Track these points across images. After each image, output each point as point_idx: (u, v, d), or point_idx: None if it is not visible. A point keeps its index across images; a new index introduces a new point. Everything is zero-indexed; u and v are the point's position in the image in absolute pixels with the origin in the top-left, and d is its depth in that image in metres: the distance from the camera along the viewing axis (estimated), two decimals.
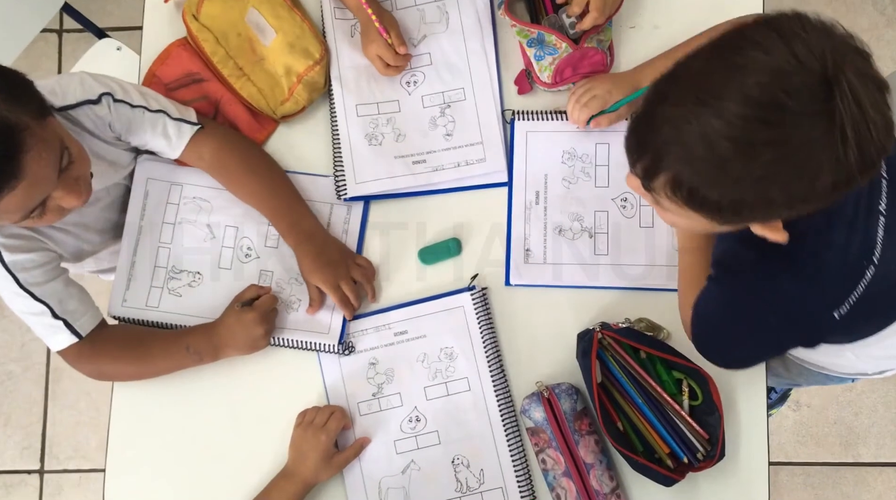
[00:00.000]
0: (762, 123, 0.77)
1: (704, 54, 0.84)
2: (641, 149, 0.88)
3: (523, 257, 1.30)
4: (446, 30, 1.37)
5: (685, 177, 0.84)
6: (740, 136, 0.78)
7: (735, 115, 0.78)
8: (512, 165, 1.33)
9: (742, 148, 0.79)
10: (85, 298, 1.25)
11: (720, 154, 0.80)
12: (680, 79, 0.85)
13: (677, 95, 0.83)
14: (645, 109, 0.88)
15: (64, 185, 1.06)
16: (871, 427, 2.09)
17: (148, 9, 1.41)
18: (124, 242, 1.34)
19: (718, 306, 1.09)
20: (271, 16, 1.31)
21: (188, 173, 1.35)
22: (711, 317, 1.11)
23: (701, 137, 0.80)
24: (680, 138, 0.82)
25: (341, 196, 1.33)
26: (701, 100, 0.79)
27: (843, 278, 0.96)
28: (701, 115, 0.79)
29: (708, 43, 0.84)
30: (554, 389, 1.25)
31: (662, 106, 0.84)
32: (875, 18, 2.24)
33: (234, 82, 1.34)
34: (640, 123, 0.89)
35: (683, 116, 0.81)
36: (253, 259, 1.34)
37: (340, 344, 1.29)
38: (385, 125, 1.34)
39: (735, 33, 0.82)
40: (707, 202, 0.85)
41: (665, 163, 0.85)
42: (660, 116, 0.84)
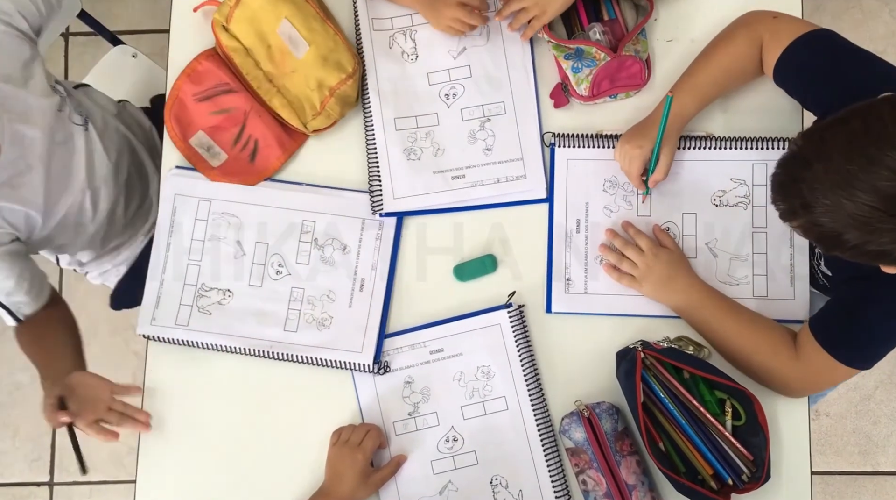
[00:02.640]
0: (886, 214, 0.88)
1: (852, 129, 0.91)
2: (781, 196, 0.97)
3: (564, 286, 1.28)
4: (486, 42, 1.34)
5: (815, 231, 0.95)
6: (865, 220, 0.89)
7: (864, 202, 0.88)
8: (552, 191, 1.31)
9: (864, 227, 0.90)
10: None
11: (847, 225, 0.90)
12: (824, 148, 0.92)
13: (818, 169, 0.91)
14: (788, 164, 0.96)
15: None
16: (890, 436, 2.08)
17: (175, 17, 1.38)
18: (153, 260, 1.31)
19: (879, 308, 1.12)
20: (304, 28, 1.28)
21: (217, 188, 1.32)
22: (866, 321, 1.13)
23: (831, 209, 0.91)
24: (815, 205, 0.92)
25: (377, 211, 1.31)
26: (837, 183, 0.89)
27: None
28: (835, 195, 0.90)
29: (861, 115, 0.92)
30: (594, 408, 1.23)
31: (803, 171, 0.93)
32: (892, 26, 2.23)
33: (264, 95, 1.31)
34: (782, 172, 0.97)
35: (821, 191, 0.91)
36: (284, 276, 1.31)
37: (376, 363, 1.27)
38: (424, 139, 1.32)
39: (885, 121, 0.90)
40: (832, 247, 0.96)
41: (798, 217, 0.96)
42: (800, 178, 0.93)
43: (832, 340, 1.14)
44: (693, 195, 1.29)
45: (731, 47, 1.24)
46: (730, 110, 1.31)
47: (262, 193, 1.33)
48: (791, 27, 1.20)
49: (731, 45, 1.24)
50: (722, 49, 1.25)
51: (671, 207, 1.30)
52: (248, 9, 1.29)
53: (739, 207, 1.29)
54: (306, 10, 1.29)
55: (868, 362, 1.14)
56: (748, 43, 1.23)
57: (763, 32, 1.22)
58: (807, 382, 1.20)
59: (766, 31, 1.22)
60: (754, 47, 1.23)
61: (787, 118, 1.30)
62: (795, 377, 1.19)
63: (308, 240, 1.32)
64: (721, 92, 1.27)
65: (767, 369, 1.21)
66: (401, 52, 1.35)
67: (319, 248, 1.32)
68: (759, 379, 1.22)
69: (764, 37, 1.22)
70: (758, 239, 1.28)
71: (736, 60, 1.24)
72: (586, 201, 1.31)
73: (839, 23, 2.23)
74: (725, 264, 1.28)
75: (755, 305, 1.26)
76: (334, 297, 1.30)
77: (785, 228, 1.27)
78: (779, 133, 1.29)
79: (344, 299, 1.30)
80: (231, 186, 1.32)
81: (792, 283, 1.27)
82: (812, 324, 1.17)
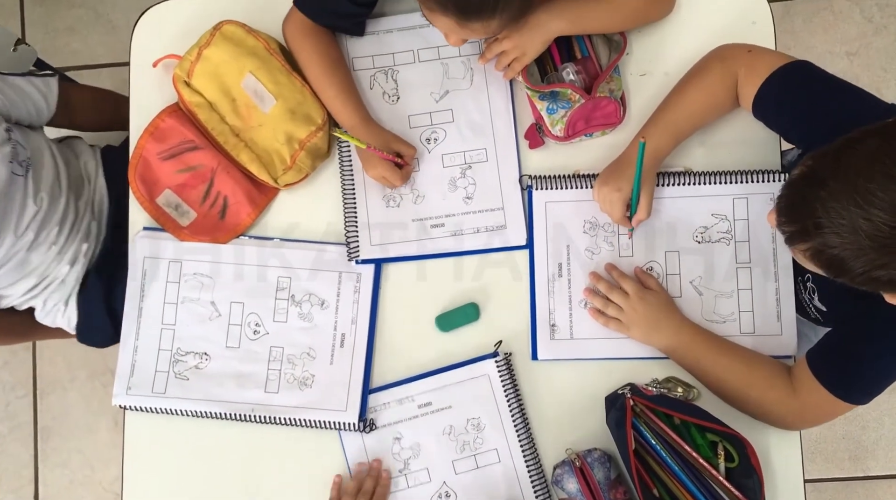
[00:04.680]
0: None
1: (870, 148, 0.87)
2: (791, 217, 0.93)
3: (549, 332, 1.26)
4: (470, 86, 1.31)
5: (826, 254, 0.90)
6: (883, 241, 0.85)
7: (882, 222, 0.84)
8: (532, 236, 1.28)
9: (881, 249, 0.85)
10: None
11: (861, 246, 0.86)
12: (840, 167, 0.88)
13: (834, 187, 0.87)
14: (799, 183, 0.92)
15: None
16: (879, 440, 2.09)
17: (134, 75, 1.33)
18: (125, 327, 1.27)
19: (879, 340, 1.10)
20: (270, 82, 1.24)
21: (187, 249, 1.29)
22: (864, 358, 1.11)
23: (848, 230, 0.86)
24: (829, 225, 0.87)
25: (353, 258, 1.28)
26: (855, 201, 0.85)
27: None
28: (852, 214, 0.85)
29: (877, 135, 0.88)
30: (586, 457, 1.21)
31: (818, 190, 0.88)
32: (863, 27, 2.22)
33: (231, 149, 1.27)
34: (793, 192, 0.93)
35: (836, 210, 0.86)
36: (262, 336, 1.28)
37: (361, 421, 1.24)
38: (404, 185, 1.29)
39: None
40: (841, 272, 0.91)
41: (810, 238, 0.90)
42: (813, 197, 0.89)
43: (830, 376, 1.13)
44: (675, 233, 1.27)
45: (705, 83, 1.22)
46: (707, 144, 1.29)
47: (234, 251, 1.29)
48: (767, 60, 1.18)
49: (705, 81, 1.22)
50: (696, 85, 1.23)
51: (653, 246, 1.27)
52: (210, 63, 1.25)
53: (722, 242, 1.27)
54: (271, 64, 1.25)
55: (866, 397, 1.13)
56: (723, 78, 1.21)
57: (738, 67, 1.20)
58: (805, 416, 1.18)
59: (742, 65, 1.19)
60: (729, 82, 1.21)
61: (766, 151, 1.28)
62: (793, 412, 1.18)
63: (285, 297, 1.28)
64: (696, 127, 1.25)
65: (763, 404, 1.20)
66: (382, 92, 1.32)
67: (297, 304, 1.28)
68: (754, 414, 1.21)
69: (739, 71, 1.20)
70: (742, 275, 1.26)
71: (710, 96, 1.22)
72: (567, 244, 1.28)
73: (810, 26, 2.22)
74: (711, 301, 1.26)
75: (743, 342, 1.24)
76: (315, 354, 1.27)
77: (768, 264, 1.25)
78: (758, 166, 1.27)
79: (325, 356, 1.27)
80: (202, 246, 1.29)
81: (778, 318, 1.25)
82: (809, 359, 1.16)
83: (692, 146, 1.29)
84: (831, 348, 1.15)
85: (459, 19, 1.03)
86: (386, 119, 1.31)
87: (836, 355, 1.13)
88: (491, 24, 1.04)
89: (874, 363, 1.10)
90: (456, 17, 1.03)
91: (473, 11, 1.01)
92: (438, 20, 1.06)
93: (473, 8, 1.01)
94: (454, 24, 1.05)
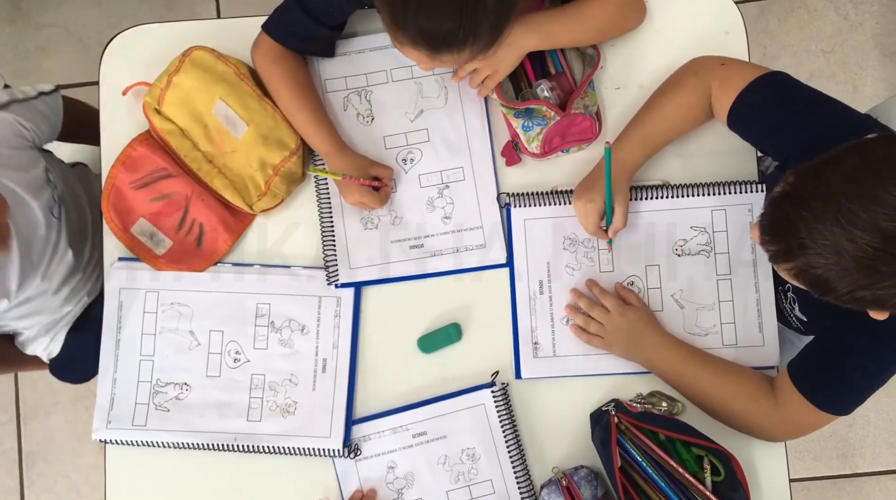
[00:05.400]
0: (888, 254, 0.84)
1: (850, 167, 0.87)
2: (775, 236, 0.92)
3: (532, 351, 1.25)
4: (445, 105, 1.30)
5: (810, 273, 0.90)
6: (868, 262, 0.84)
7: (866, 243, 0.84)
8: (512, 254, 1.27)
9: (866, 270, 0.85)
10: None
11: (845, 267, 0.86)
12: (821, 186, 0.87)
13: (816, 207, 0.87)
14: (782, 202, 0.91)
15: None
16: (866, 437, 2.10)
17: (104, 103, 1.31)
18: (102, 360, 1.25)
19: (863, 353, 1.10)
20: (241, 108, 1.22)
21: (164, 278, 1.27)
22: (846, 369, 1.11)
23: (831, 251, 0.86)
24: (813, 246, 0.87)
25: (332, 282, 1.26)
26: (838, 222, 0.85)
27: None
28: (835, 235, 0.85)
29: (857, 152, 0.88)
30: (572, 475, 1.21)
31: (800, 210, 0.88)
32: (839, 24, 2.23)
33: (205, 176, 1.26)
34: (776, 211, 0.92)
35: (819, 231, 0.86)
36: (243, 364, 1.26)
37: (345, 447, 1.23)
38: (382, 207, 1.28)
39: (883, 158, 0.86)
40: (825, 292, 0.91)
41: (794, 257, 0.90)
42: (797, 217, 0.88)
43: (813, 388, 1.13)
44: (654, 246, 1.27)
45: (678, 96, 1.22)
46: (684, 156, 1.28)
47: (211, 279, 1.28)
48: (741, 73, 1.17)
49: (678, 95, 1.22)
50: (669, 98, 1.22)
51: (633, 260, 1.27)
52: (181, 90, 1.23)
53: (702, 255, 1.26)
54: (241, 89, 1.23)
55: (849, 408, 1.14)
56: (696, 91, 1.20)
57: (711, 80, 1.19)
58: (788, 428, 1.18)
59: (715, 78, 1.19)
60: (702, 95, 1.20)
61: (743, 161, 1.28)
62: (776, 424, 1.18)
63: (264, 323, 1.27)
64: (669, 141, 1.24)
65: (747, 417, 1.19)
66: (356, 113, 1.30)
67: (277, 331, 1.27)
68: (738, 427, 1.21)
69: (713, 84, 1.19)
70: (723, 287, 1.26)
71: (683, 109, 1.22)
72: (547, 261, 1.27)
73: (785, 25, 2.22)
74: (693, 314, 1.26)
75: (726, 353, 1.24)
76: (297, 381, 1.26)
77: (749, 275, 1.25)
78: (735, 177, 1.27)
79: (307, 382, 1.26)
80: (179, 275, 1.27)
81: (760, 329, 1.25)
82: (791, 371, 1.15)
83: (669, 159, 1.28)
84: (813, 359, 1.15)
85: (430, 53, 1.02)
86: (361, 140, 1.29)
87: (818, 367, 1.13)
88: (462, 55, 1.03)
89: (856, 375, 1.10)
90: (426, 51, 1.02)
91: (443, 45, 1.00)
92: (408, 52, 1.05)
93: (443, 43, 1.00)
94: (425, 57, 1.04)
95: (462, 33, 0.98)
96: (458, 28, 0.98)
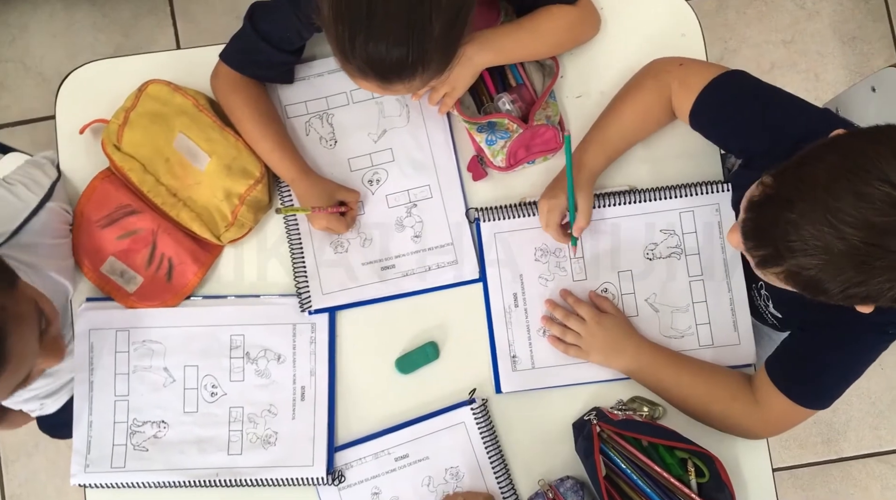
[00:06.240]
0: (880, 249, 0.83)
1: (831, 165, 0.86)
2: (761, 241, 0.91)
3: (511, 364, 1.25)
4: (407, 123, 1.29)
5: (802, 276, 0.88)
6: (860, 257, 0.84)
7: (858, 239, 0.83)
8: (484, 268, 1.27)
9: (859, 266, 0.84)
10: None
11: (838, 266, 0.85)
12: (804, 187, 0.86)
13: (803, 208, 0.85)
14: (765, 205, 0.90)
15: (44, 349, 0.98)
16: (850, 422, 2.12)
17: (61, 143, 1.29)
18: (76, 404, 1.23)
19: (841, 350, 1.11)
20: (202, 140, 1.21)
21: (133, 316, 1.25)
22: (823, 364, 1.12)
23: (822, 250, 0.85)
24: (804, 248, 0.86)
25: (305, 309, 1.25)
26: (827, 221, 0.84)
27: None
28: (825, 234, 0.84)
29: (834, 150, 0.87)
30: (558, 487, 1.20)
31: (787, 212, 0.87)
32: (796, 13, 2.25)
33: (170, 210, 1.24)
34: (759, 215, 0.91)
35: (810, 232, 0.85)
36: (220, 397, 1.25)
37: (329, 474, 1.22)
38: (351, 230, 1.27)
39: (861, 153, 0.85)
40: (818, 292, 0.90)
41: (784, 261, 0.89)
42: (783, 219, 0.87)
43: (791, 384, 1.14)
44: (625, 252, 1.27)
45: (638, 99, 1.22)
46: (650, 160, 1.29)
47: (182, 314, 1.26)
48: (699, 73, 1.18)
49: (638, 97, 1.22)
50: (629, 101, 1.23)
51: (605, 267, 1.27)
52: (139, 125, 1.22)
53: (673, 257, 1.27)
54: (201, 121, 1.22)
55: (827, 402, 1.14)
56: (656, 93, 1.21)
57: (670, 81, 1.20)
58: (768, 425, 1.19)
59: (674, 79, 1.20)
60: (662, 97, 1.21)
61: (707, 161, 1.28)
62: (757, 422, 1.18)
63: (239, 355, 1.26)
64: (631, 144, 1.25)
65: (727, 417, 1.20)
66: (318, 137, 1.29)
67: (253, 361, 1.26)
68: (720, 428, 1.21)
69: (672, 85, 1.20)
70: (696, 288, 1.26)
71: (644, 112, 1.22)
72: (520, 274, 1.27)
73: (745, 17, 2.24)
74: (668, 317, 1.26)
75: (703, 354, 1.25)
76: (276, 411, 1.24)
77: (720, 274, 1.26)
78: (701, 177, 1.27)
79: (286, 411, 1.25)
80: (149, 311, 1.25)
81: (735, 328, 1.26)
82: (769, 369, 1.16)
83: (635, 164, 1.28)
84: (789, 356, 1.15)
85: (380, 83, 1.02)
86: (325, 164, 1.28)
87: (795, 364, 1.14)
88: (413, 83, 1.02)
89: (832, 370, 1.11)
90: (376, 81, 1.01)
91: (393, 74, 1.00)
92: (360, 83, 1.05)
93: (392, 72, 0.99)
94: (376, 87, 1.04)
95: (411, 61, 0.98)
96: (406, 56, 0.97)
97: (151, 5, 2.22)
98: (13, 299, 0.92)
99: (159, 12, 2.22)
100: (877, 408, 2.12)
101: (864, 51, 2.23)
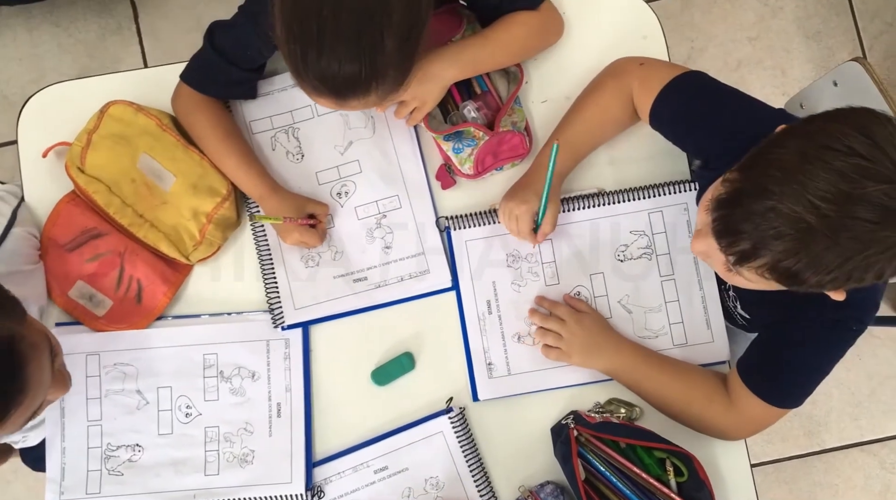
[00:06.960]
0: (855, 219, 0.82)
1: (797, 148, 0.86)
2: (737, 236, 0.89)
3: (486, 371, 1.25)
4: (373, 134, 1.28)
5: (782, 263, 0.87)
6: (835, 230, 0.83)
7: (835, 213, 0.82)
8: (456, 277, 1.27)
9: (842, 240, 0.83)
10: None
11: (823, 244, 0.84)
12: (777, 172, 0.86)
13: (781, 192, 0.85)
14: (736, 200, 0.89)
15: (52, 380, 0.98)
16: (830, 413, 2.13)
17: (25, 167, 1.28)
18: (49, 430, 1.22)
19: (813, 346, 1.10)
20: (166, 159, 1.20)
21: (103, 339, 1.24)
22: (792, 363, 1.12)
23: (805, 231, 0.84)
24: (786, 233, 0.85)
25: (278, 325, 1.25)
26: (806, 200, 0.83)
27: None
28: (806, 213, 0.83)
29: (795, 135, 0.88)
30: (539, 493, 1.20)
31: (763, 200, 0.86)
32: (760, 11, 2.27)
33: (137, 231, 1.23)
34: (732, 211, 0.90)
35: (789, 215, 0.84)
36: (195, 417, 1.24)
37: (308, 490, 1.21)
38: (321, 243, 1.26)
39: (823, 131, 0.85)
40: (796, 281, 0.89)
41: (763, 252, 0.88)
42: (761, 208, 0.86)
43: (762, 386, 1.14)
44: (596, 255, 1.27)
45: (600, 100, 1.23)
46: (617, 162, 1.29)
47: (153, 335, 1.25)
48: (659, 73, 1.18)
49: (600, 98, 1.23)
50: (592, 102, 1.23)
51: (578, 270, 1.27)
52: (102, 147, 1.21)
53: (644, 258, 1.27)
54: (165, 140, 1.21)
55: (798, 400, 1.15)
56: (617, 94, 1.21)
57: (631, 81, 1.21)
58: (743, 427, 1.19)
59: (635, 79, 1.20)
60: (624, 97, 1.21)
61: (674, 161, 1.29)
62: (731, 424, 1.19)
63: (213, 374, 1.25)
64: (595, 145, 1.25)
65: (703, 419, 1.20)
66: (285, 152, 1.29)
67: (227, 380, 1.25)
68: (697, 429, 1.22)
69: (633, 85, 1.20)
70: (668, 287, 1.27)
71: (606, 112, 1.23)
72: (493, 281, 1.27)
73: (710, 16, 2.25)
74: (641, 318, 1.26)
75: (677, 353, 1.25)
76: (252, 429, 1.23)
77: (691, 273, 1.26)
78: (668, 177, 1.28)
79: (262, 428, 1.24)
80: (119, 334, 1.24)
81: (708, 325, 1.26)
82: (740, 370, 1.17)
83: (602, 166, 1.29)
84: (759, 356, 1.16)
85: (335, 99, 1.02)
86: (293, 178, 1.28)
87: (765, 364, 1.14)
88: (368, 99, 1.02)
89: (802, 368, 1.11)
90: (331, 97, 1.01)
91: (347, 91, 1.00)
92: (317, 99, 1.05)
93: (346, 88, 0.99)
94: (332, 103, 1.04)
95: (364, 77, 0.98)
96: (358, 73, 0.97)
97: (117, 24, 2.20)
98: (28, 328, 0.93)
99: (125, 31, 2.20)
100: (856, 398, 2.14)
101: (828, 45, 2.25)
